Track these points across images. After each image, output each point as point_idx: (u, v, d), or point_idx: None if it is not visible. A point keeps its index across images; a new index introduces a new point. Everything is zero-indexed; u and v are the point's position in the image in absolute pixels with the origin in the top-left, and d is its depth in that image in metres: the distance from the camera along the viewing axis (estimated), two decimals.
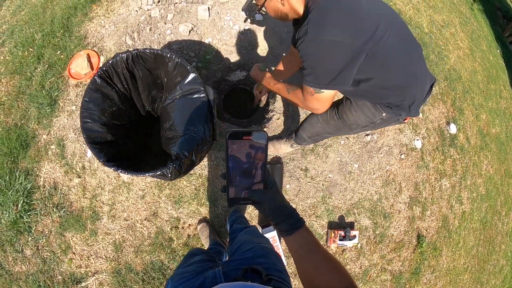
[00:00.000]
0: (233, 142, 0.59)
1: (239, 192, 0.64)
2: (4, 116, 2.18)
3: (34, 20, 2.42)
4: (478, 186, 2.68)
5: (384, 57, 1.04)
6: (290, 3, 1.08)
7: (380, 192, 2.21)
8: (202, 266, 0.95)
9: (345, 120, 1.37)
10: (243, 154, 0.60)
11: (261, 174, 0.63)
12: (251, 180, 0.63)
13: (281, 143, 1.97)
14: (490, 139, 2.99)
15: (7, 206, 1.95)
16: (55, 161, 2.04)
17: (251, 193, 0.63)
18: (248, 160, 0.61)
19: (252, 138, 0.59)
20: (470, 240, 2.55)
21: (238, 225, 1.46)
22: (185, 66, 1.33)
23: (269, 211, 0.63)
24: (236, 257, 0.95)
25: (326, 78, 1.03)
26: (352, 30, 0.96)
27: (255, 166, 0.62)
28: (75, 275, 1.89)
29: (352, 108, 1.31)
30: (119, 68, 1.41)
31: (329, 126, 1.48)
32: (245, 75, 2.27)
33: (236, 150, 0.59)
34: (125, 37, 2.21)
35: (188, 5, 2.27)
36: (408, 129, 2.45)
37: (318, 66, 1.02)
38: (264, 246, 0.99)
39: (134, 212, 1.94)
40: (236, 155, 0.60)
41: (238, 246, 1.05)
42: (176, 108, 1.34)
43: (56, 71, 2.19)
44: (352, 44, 0.97)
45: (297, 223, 0.62)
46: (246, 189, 0.63)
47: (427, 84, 1.21)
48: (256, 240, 1.06)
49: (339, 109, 1.39)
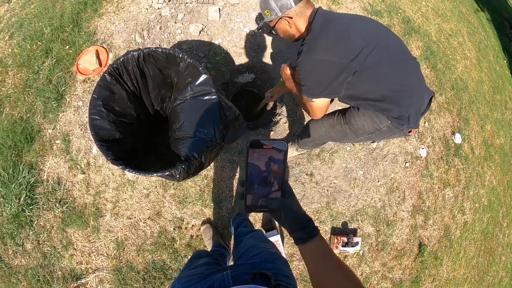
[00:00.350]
0: (253, 151, 0.60)
1: (257, 199, 0.65)
2: (10, 109, 2.18)
3: (44, 14, 2.42)
4: (480, 196, 2.68)
5: (372, 71, 1.18)
6: (296, 26, 1.29)
7: (384, 200, 2.21)
8: (209, 269, 0.95)
9: (352, 125, 1.40)
10: (262, 163, 0.61)
11: (279, 183, 0.63)
12: (269, 188, 0.64)
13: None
14: (494, 150, 2.98)
15: (9, 199, 1.94)
16: (59, 156, 2.04)
17: (270, 201, 0.64)
18: (267, 169, 0.62)
19: (272, 147, 0.60)
20: (470, 251, 2.54)
21: (244, 229, 1.46)
22: (197, 67, 1.33)
23: (286, 220, 0.63)
24: (244, 261, 0.95)
25: (315, 89, 1.21)
26: (339, 51, 1.15)
27: (274, 175, 0.62)
28: (75, 271, 1.88)
29: (360, 113, 1.36)
30: (129, 66, 1.40)
31: (334, 131, 1.51)
32: (253, 78, 2.27)
33: (256, 158, 0.61)
34: (134, 35, 2.20)
35: (198, 6, 2.26)
36: (414, 137, 2.45)
37: (309, 79, 1.20)
38: (271, 251, 0.99)
39: (137, 211, 1.93)
40: (256, 163, 0.61)
41: (245, 251, 1.05)
42: (186, 109, 1.33)
43: (64, 66, 2.18)
44: (338, 62, 1.14)
45: (312, 232, 0.63)
46: (264, 197, 0.64)
47: (424, 96, 1.30)
48: (263, 245, 1.06)
49: (346, 115, 1.43)
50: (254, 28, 2.35)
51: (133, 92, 1.48)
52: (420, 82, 1.28)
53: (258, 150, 0.60)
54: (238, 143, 2.09)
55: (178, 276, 0.96)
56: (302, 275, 1.98)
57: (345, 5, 2.66)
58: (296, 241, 0.64)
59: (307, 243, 0.62)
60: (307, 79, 1.21)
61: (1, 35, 2.48)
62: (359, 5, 2.70)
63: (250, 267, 0.86)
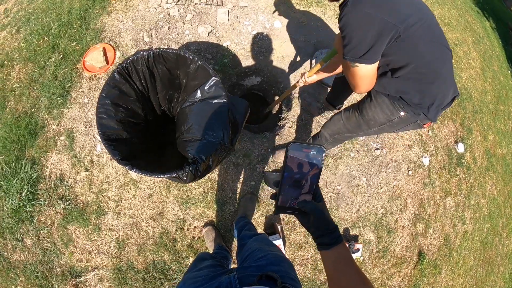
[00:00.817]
0: (293, 153, 0.62)
1: (287, 201, 0.66)
2: (15, 103, 2.17)
3: (52, 9, 2.41)
4: (481, 206, 2.69)
5: (411, 44, 1.09)
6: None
7: (386, 207, 2.21)
8: (214, 271, 0.96)
9: (364, 116, 1.41)
10: (298, 165, 0.63)
11: (311, 187, 0.65)
12: (300, 191, 0.65)
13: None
14: (496, 160, 2.99)
15: (10, 193, 1.94)
16: (63, 153, 2.03)
17: (302, 204, 0.65)
18: (301, 171, 0.63)
19: (311, 151, 0.62)
20: (470, 260, 2.55)
21: (247, 232, 1.46)
22: (207, 70, 1.33)
23: (315, 223, 0.65)
24: (249, 264, 0.96)
25: (360, 48, 1.08)
26: (387, 9, 1.04)
27: (307, 179, 0.64)
28: (75, 269, 1.87)
29: (371, 104, 1.35)
30: (139, 66, 1.40)
31: (349, 123, 1.52)
32: (259, 81, 2.27)
33: (292, 161, 0.62)
34: (142, 34, 2.20)
35: (207, 7, 2.26)
36: (417, 145, 2.45)
37: (354, 36, 1.07)
38: (277, 254, 1.00)
39: (140, 210, 1.93)
40: (292, 165, 0.63)
41: (250, 253, 1.05)
42: (195, 111, 1.33)
43: (70, 62, 2.17)
44: (385, 20, 1.03)
45: (338, 238, 0.64)
46: (294, 199, 0.66)
47: (450, 91, 1.24)
48: (268, 248, 1.07)
49: (359, 106, 1.44)
50: (262, 31, 2.35)
51: (142, 92, 1.47)
52: (450, 75, 1.23)
53: (298, 153, 0.62)
54: (244, 146, 2.08)
55: (183, 278, 0.96)
56: (302, 279, 1.98)
57: None
58: (320, 246, 0.65)
59: (330, 250, 0.64)
60: (351, 36, 1.08)
61: (8, 29, 2.48)
62: None
63: (256, 270, 0.87)
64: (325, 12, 2.58)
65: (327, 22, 2.56)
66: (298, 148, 0.61)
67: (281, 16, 2.44)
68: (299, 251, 2.01)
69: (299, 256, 2.00)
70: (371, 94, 1.35)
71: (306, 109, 2.26)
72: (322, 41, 2.46)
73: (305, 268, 1.99)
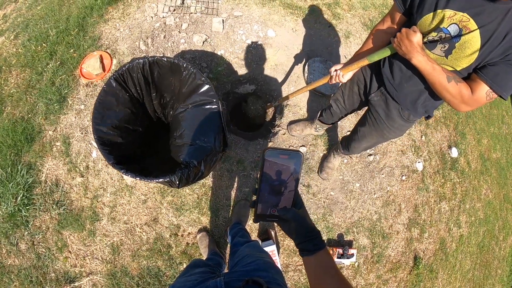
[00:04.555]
0: (269, 159, 0.59)
1: (267, 208, 0.65)
2: (12, 108, 2.19)
3: (50, 16, 2.45)
4: (476, 210, 2.70)
5: None
6: None
7: (380, 212, 2.22)
8: (204, 276, 0.97)
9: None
10: (276, 172, 0.61)
11: (291, 193, 0.64)
12: (279, 197, 0.64)
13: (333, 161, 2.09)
14: (491, 164, 3.02)
15: (6, 198, 1.94)
16: (59, 158, 2.04)
17: (283, 211, 0.64)
18: (280, 178, 0.61)
19: (288, 157, 0.60)
20: (466, 264, 2.55)
21: (240, 239, 1.47)
22: (200, 77, 1.35)
23: (296, 230, 0.64)
24: (238, 269, 0.97)
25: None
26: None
27: (286, 185, 0.62)
28: (69, 274, 1.87)
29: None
30: (134, 73, 1.42)
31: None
32: (254, 89, 2.30)
33: (270, 167, 0.60)
34: (139, 42, 2.23)
35: (203, 16, 2.31)
36: (410, 151, 2.48)
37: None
38: (266, 260, 1.01)
39: (134, 216, 1.93)
40: (270, 172, 0.61)
41: (240, 259, 1.06)
42: (187, 117, 1.35)
43: (67, 68, 2.20)
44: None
45: (319, 244, 0.64)
46: (274, 207, 0.64)
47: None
48: (258, 254, 1.08)
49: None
50: (256, 40, 2.39)
51: (137, 99, 1.50)
52: None
53: (274, 158, 0.59)
54: (237, 152, 2.10)
55: (174, 282, 0.97)
56: (297, 285, 1.98)
57: (346, 20, 2.71)
58: (302, 252, 0.65)
59: (313, 255, 0.63)
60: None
61: (7, 34, 2.51)
62: (359, 20, 2.75)
63: (243, 274, 0.87)
64: (318, 21, 2.63)
65: (320, 31, 2.60)
66: (275, 154, 0.59)
67: (275, 25, 2.49)
68: (293, 257, 2.01)
69: (293, 262, 2.01)
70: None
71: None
72: (315, 49, 2.51)
73: (300, 274, 1.99)
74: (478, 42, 0.98)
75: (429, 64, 1.06)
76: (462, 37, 1.00)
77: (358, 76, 1.50)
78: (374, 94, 1.43)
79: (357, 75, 1.50)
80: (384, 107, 1.42)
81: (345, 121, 2.35)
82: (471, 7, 0.97)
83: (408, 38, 1.06)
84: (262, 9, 2.52)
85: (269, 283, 0.81)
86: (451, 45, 1.04)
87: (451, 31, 1.02)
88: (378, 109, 1.45)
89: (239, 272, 0.92)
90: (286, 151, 0.60)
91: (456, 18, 0.99)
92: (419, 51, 1.06)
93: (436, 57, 1.10)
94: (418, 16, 1.09)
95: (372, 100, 1.46)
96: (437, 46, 1.08)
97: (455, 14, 0.99)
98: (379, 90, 1.40)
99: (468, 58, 1.02)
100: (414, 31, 1.06)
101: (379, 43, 1.34)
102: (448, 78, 1.05)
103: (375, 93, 1.43)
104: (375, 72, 1.41)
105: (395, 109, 1.38)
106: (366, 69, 1.45)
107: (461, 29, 1.00)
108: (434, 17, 1.04)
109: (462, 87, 1.05)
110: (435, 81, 1.07)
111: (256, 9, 2.51)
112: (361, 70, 1.48)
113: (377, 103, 1.44)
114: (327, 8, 2.72)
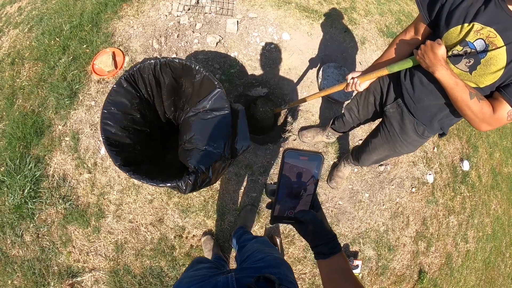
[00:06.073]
0: (288, 161, 0.58)
1: (284, 210, 0.64)
2: (23, 101, 2.20)
3: (64, 10, 2.45)
4: (485, 225, 2.64)
5: None
6: None
7: (388, 224, 2.18)
8: (212, 271, 0.95)
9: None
10: (295, 174, 0.60)
11: (308, 196, 0.63)
12: (297, 200, 0.63)
13: (343, 170, 2.06)
14: (502, 178, 2.95)
15: (13, 189, 1.95)
16: (67, 153, 2.05)
17: (302, 213, 0.63)
18: (299, 181, 0.61)
19: (308, 159, 0.59)
20: (471, 280, 2.50)
21: (248, 236, 1.46)
22: (212, 81, 1.33)
23: (313, 233, 0.64)
24: (248, 265, 0.96)
25: None
26: None
27: (305, 188, 0.62)
28: (72, 269, 1.88)
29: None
30: (145, 74, 1.41)
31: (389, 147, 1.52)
32: (266, 92, 2.27)
33: (289, 168, 0.59)
34: (152, 40, 2.22)
35: (217, 17, 2.28)
36: (422, 162, 2.43)
37: None
38: (276, 256, 1.00)
39: (140, 215, 1.93)
40: (289, 174, 0.60)
41: (249, 254, 1.05)
42: (198, 121, 1.33)
43: (79, 64, 2.20)
44: None
45: (335, 248, 0.63)
46: (291, 209, 0.64)
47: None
48: (268, 250, 1.07)
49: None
50: (270, 42, 2.36)
51: (147, 100, 1.48)
52: None
53: (294, 160, 0.58)
54: (246, 157, 2.08)
55: (180, 278, 0.96)
56: None
57: (362, 26, 2.66)
58: (317, 256, 0.64)
59: (329, 259, 0.62)
60: None
61: (21, 27, 2.52)
62: (376, 26, 2.70)
63: (255, 271, 0.86)
64: (333, 25, 2.58)
65: (335, 36, 2.56)
66: (295, 156, 0.58)
67: (290, 28, 2.45)
68: (298, 265, 1.99)
69: (297, 270, 1.98)
70: None
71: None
72: (330, 54, 2.47)
73: (303, 283, 1.97)
74: (504, 60, 0.95)
75: (452, 78, 1.02)
76: (488, 53, 0.97)
77: (375, 86, 1.46)
78: (390, 105, 1.39)
79: (374, 84, 1.46)
80: (399, 120, 1.37)
81: (358, 130, 2.31)
82: (498, 22, 0.94)
83: (432, 51, 1.03)
84: (277, 12, 2.49)
85: (281, 279, 0.81)
86: (476, 61, 1.01)
87: (477, 46, 0.99)
88: (393, 121, 1.41)
89: (250, 269, 0.91)
90: (306, 153, 0.59)
91: (483, 33, 0.96)
92: (443, 65, 1.02)
93: (460, 72, 1.06)
94: (444, 28, 1.06)
95: (388, 112, 1.41)
96: (461, 60, 1.04)
97: (482, 28, 0.96)
98: (396, 102, 1.36)
99: (493, 75, 0.99)
100: (439, 43, 1.03)
101: (401, 53, 1.31)
102: (470, 95, 1.01)
103: (391, 105, 1.38)
104: (394, 82, 1.36)
105: (410, 123, 1.34)
106: (383, 78, 1.41)
107: (488, 45, 0.96)
108: (461, 30, 1.01)
109: (484, 105, 1.02)
110: (457, 97, 1.04)
111: (272, 11, 2.48)
112: (378, 80, 1.44)
113: (392, 115, 1.40)
114: (343, 12, 2.67)
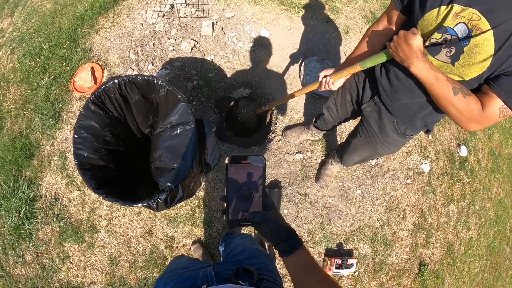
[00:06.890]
0: (232, 166, 0.62)
1: (237, 214, 0.66)
2: (11, 124, 2.24)
3: (43, 29, 2.46)
4: (487, 210, 2.55)
5: None
6: None
7: (383, 219, 2.14)
8: (193, 264, 0.96)
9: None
10: (242, 178, 0.63)
11: (259, 196, 0.65)
12: (249, 202, 0.65)
13: (331, 168, 2.01)
14: (502, 160, 2.83)
15: (10, 212, 2.01)
16: (57, 172, 2.08)
17: (253, 215, 0.65)
18: (247, 183, 0.64)
19: (250, 161, 0.62)
20: (475, 267, 2.44)
21: (235, 235, 1.47)
22: (176, 95, 1.31)
23: (270, 232, 0.64)
24: (228, 259, 0.98)
25: None
26: None
27: (254, 189, 0.64)
28: (72, 284, 1.94)
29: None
30: (111, 94, 1.40)
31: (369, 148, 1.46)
32: (249, 93, 2.23)
33: (235, 173, 0.62)
34: (129, 52, 2.20)
35: (192, 20, 2.24)
36: (416, 152, 2.35)
37: None
38: (255, 248, 1.01)
39: (130, 229, 1.96)
40: (235, 178, 0.63)
41: (231, 250, 1.07)
42: (165, 138, 1.32)
43: (61, 83, 2.21)
44: None
45: (295, 244, 0.63)
46: (245, 211, 0.66)
47: None
48: (249, 243, 1.08)
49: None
50: (248, 41, 2.30)
51: (118, 119, 1.48)
52: None
53: (236, 165, 0.62)
54: None
55: (163, 272, 0.97)
56: None
57: (345, 14, 2.56)
58: (280, 254, 0.65)
59: (291, 255, 0.63)
60: None
61: (4, 50, 2.55)
62: (360, 14, 2.59)
63: (234, 264, 0.86)
64: (314, 16, 2.49)
65: (316, 28, 2.47)
66: (237, 160, 0.61)
67: (269, 24, 2.38)
68: None
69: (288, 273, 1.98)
70: None
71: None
72: (312, 48, 2.39)
73: None
74: (491, 46, 0.80)
75: (431, 72, 0.89)
76: (472, 40, 0.82)
77: (350, 83, 1.36)
78: (366, 104, 1.29)
79: (349, 81, 1.36)
80: (377, 119, 1.27)
81: (346, 124, 2.24)
82: (481, 2, 0.79)
83: (406, 42, 0.89)
84: (254, 8, 2.42)
85: (260, 269, 0.81)
86: (458, 49, 0.86)
87: (458, 32, 0.84)
88: (371, 121, 1.31)
89: (229, 262, 0.92)
90: (246, 156, 0.62)
91: (464, 16, 0.82)
92: (420, 57, 0.89)
93: (440, 64, 0.92)
94: (419, 14, 0.91)
95: (364, 111, 1.32)
96: (441, 50, 0.90)
97: (462, 10, 0.81)
98: (372, 100, 1.25)
99: (479, 66, 0.84)
100: (413, 33, 0.89)
101: (375, 46, 1.17)
102: (454, 90, 0.88)
103: (368, 103, 1.28)
104: (369, 78, 1.25)
105: (389, 122, 1.23)
106: (358, 75, 1.31)
107: (471, 30, 0.82)
108: (438, 14, 0.86)
109: (471, 102, 0.88)
110: (438, 94, 0.91)
111: (249, 8, 2.41)
112: (353, 76, 1.34)
113: (370, 115, 1.30)
114: (324, 2, 2.58)
